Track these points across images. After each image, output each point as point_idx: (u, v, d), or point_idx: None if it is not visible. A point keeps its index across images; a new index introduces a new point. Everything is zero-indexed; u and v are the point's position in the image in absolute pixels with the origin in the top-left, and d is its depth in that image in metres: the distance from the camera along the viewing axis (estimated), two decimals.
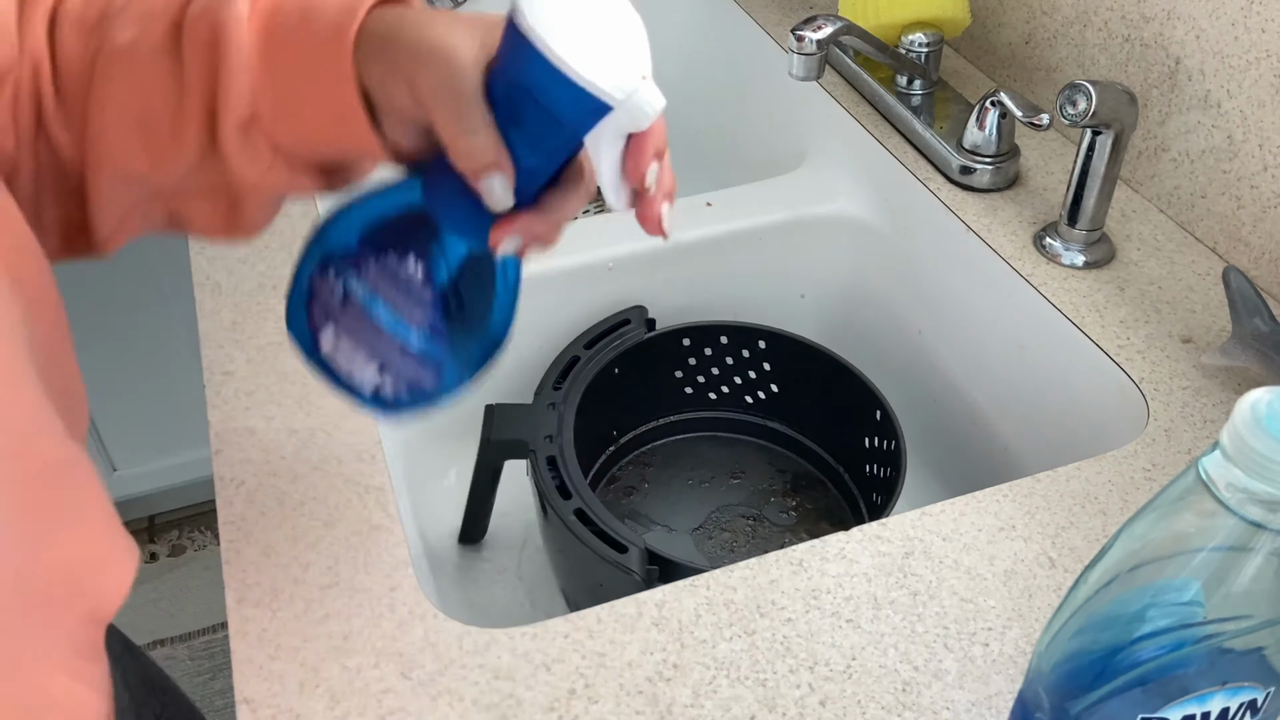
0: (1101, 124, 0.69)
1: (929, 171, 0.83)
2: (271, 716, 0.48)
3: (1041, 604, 0.53)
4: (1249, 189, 0.71)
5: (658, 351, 0.80)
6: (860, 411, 0.76)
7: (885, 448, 0.73)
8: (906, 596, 0.53)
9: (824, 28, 0.74)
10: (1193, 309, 0.70)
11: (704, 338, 0.81)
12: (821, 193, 0.88)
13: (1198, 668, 0.36)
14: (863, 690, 0.49)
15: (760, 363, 0.82)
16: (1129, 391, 0.66)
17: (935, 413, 0.85)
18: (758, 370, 0.83)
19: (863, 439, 0.77)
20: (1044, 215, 0.78)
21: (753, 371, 0.83)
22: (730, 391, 0.84)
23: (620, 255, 0.81)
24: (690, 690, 0.49)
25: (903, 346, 0.87)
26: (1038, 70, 0.88)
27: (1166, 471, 0.60)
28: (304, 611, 0.53)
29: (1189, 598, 0.35)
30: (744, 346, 0.82)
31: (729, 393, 0.84)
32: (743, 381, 0.84)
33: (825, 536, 0.56)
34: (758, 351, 0.82)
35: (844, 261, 0.89)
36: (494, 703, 0.49)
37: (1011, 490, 0.59)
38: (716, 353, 0.82)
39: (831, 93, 0.93)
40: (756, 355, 0.82)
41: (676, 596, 0.53)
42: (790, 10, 1.07)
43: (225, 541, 0.56)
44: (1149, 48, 0.76)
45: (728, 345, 0.82)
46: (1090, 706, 0.38)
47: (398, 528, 0.57)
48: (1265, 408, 0.32)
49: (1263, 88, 0.68)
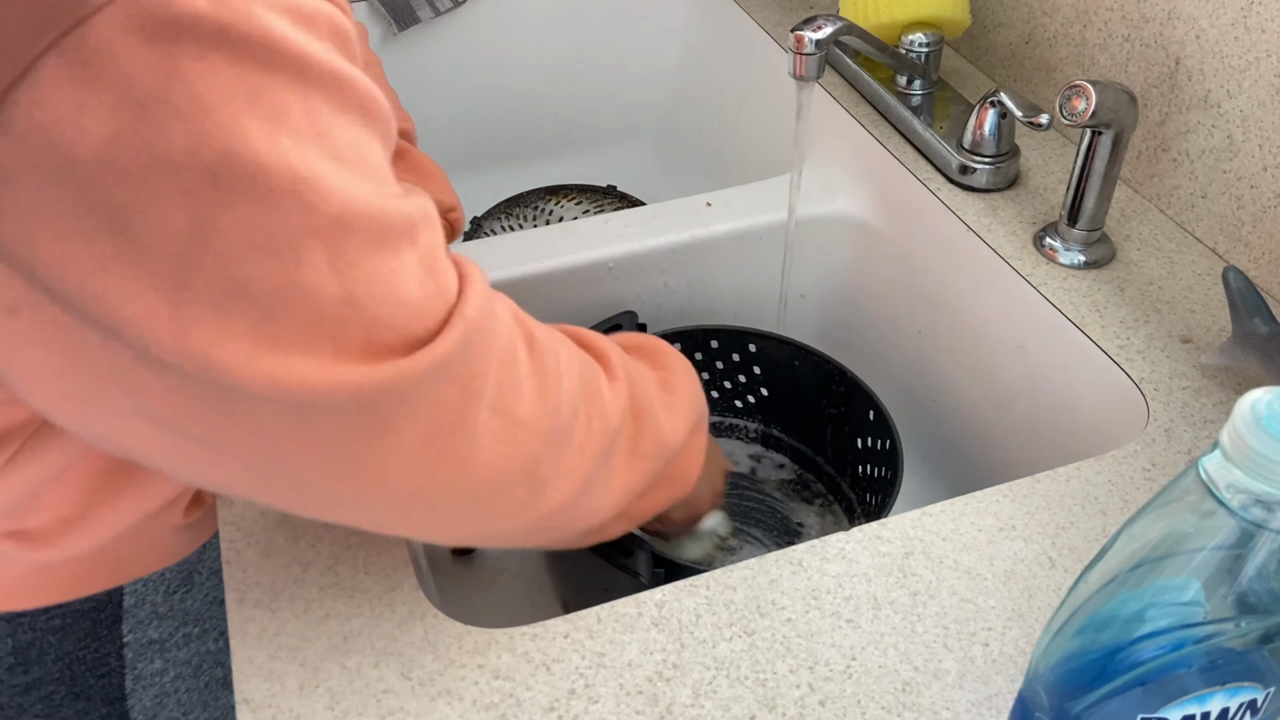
0: (1101, 124, 0.69)
1: (929, 171, 0.83)
2: (271, 716, 0.48)
3: (1041, 604, 0.53)
4: (1249, 189, 0.71)
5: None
6: (854, 411, 0.76)
7: (881, 447, 0.73)
8: (906, 596, 0.53)
9: (824, 28, 0.73)
10: (1193, 309, 0.70)
11: (694, 343, 0.81)
12: (821, 193, 0.88)
13: (1198, 668, 0.36)
14: (863, 690, 0.49)
15: (750, 366, 0.82)
16: (1129, 391, 0.66)
17: (935, 413, 0.85)
18: (748, 374, 0.83)
19: (856, 439, 0.77)
20: (1044, 215, 0.78)
21: (743, 375, 0.83)
22: (721, 396, 0.84)
23: (620, 255, 0.81)
24: (690, 690, 0.49)
25: (902, 346, 0.87)
26: (1038, 70, 0.88)
27: (1166, 471, 0.60)
28: (304, 611, 0.53)
29: (1189, 598, 0.35)
30: (734, 350, 0.82)
31: (719, 397, 0.84)
32: (733, 386, 0.84)
33: (825, 536, 0.56)
34: (748, 355, 0.82)
35: (844, 261, 0.89)
36: (494, 703, 0.49)
37: (1011, 490, 0.59)
38: (707, 357, 0.82)
39: (831, 93, 0.93)
40: (747, 359, 0.82)
41: (676, 596, 0.53)
42: (790, 10, 1.07)
43: (225, 541, 0.56)
44: (1149, 48, 0.76)
45: (718, 350, 0.82)
46: (1090, 706, 0.38)
47: None
48: (1265, 408, 0.32)
49: (1263, 88, 0.68)
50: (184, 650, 0.68)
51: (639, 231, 0.82)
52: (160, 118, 0.32)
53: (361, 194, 0.37)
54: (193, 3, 0.32)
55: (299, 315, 0.36)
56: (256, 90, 0.34)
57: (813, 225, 0.87)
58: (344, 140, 0.37)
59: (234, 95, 0.33)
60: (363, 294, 0.37)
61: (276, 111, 0.34)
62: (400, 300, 0.38)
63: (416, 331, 0.39)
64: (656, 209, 0.85)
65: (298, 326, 0.36)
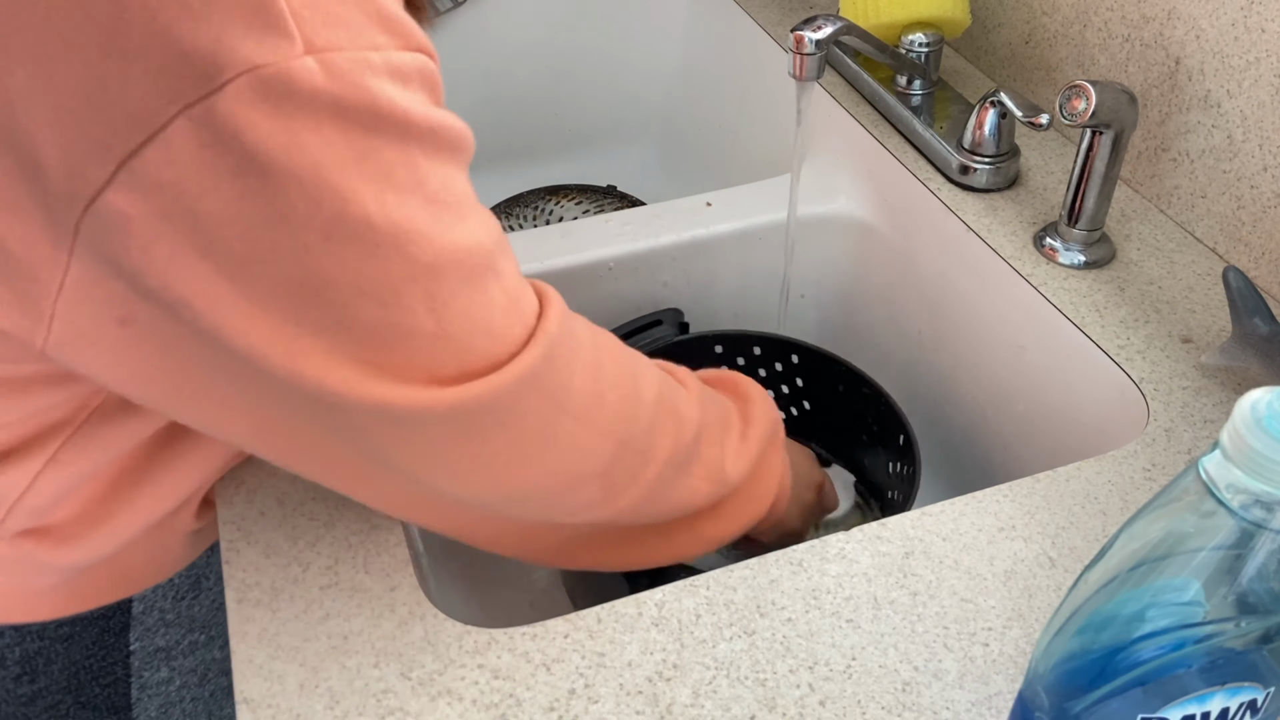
0: (1101, 124, 0.69)
1: (929, 171, 0.83)
2: (271, 716, 0.48)
3: (1041, 604, 0.53)
4: (1249, 189, 0.71)
5: (687, 356, 0.78)
6: (886, 436, 0.75)
7: (903, 472, 0.73)
8: (906, 596, 0.53)
9: (824, 28, 0.73)
10: (1193, 309, 0.70)
11: (737, 346, 0.80)
12: (821, 193, 0.88)
13: (1198, 668, 0.36)
14: (863, 690, 0.49)
15: (793, 378, 0.81)
16: (1129, 391, 0.66)
17: (935, 413, 0.85)
18: (790, 385, 0.82)
19: (887, 464, 0.76)
20: (1044, 215, 0.78)
21: (785, 386, 0.82)
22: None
23: (620, 255, 0.81)
24: (690, 690, 0.49)
25: (903, 346, 0.87)
26: (1038, 70, 0.88)
27: (1166, 471, 0.60)
28: (304, 611, 0.53)
29: (1189, 598, 0.35)
30: (777, 359, 0.81)
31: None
32: (775, 396, 0.82)
33: (825, 537, 0.56)
34: (790, 366, 0.81)
35: (844, 261, 0.89)
36: (494, 703, 0.49)
37: (1011, 490, 0.59)
38: (750, 363, 0.81)
39: (831, 93, 0.93)
40: (789, 370, 0.81)
41: (676, 597, 0.53)
42: (790, 10, 1.07)
43: (225, 541, 0.56)
44: (1149, 48, 0.76)
45: (761, 356, 0.81)
46: (1090, 706, 0.38)
47: (398, 528, 0.57)
48: (1265, 408, 0.32)
49: (1263, 88, 0.68)
50: (190, 658, 0.68)
51: (639, 231, 0.82)
52: (281, 183, 0.36)
53: (452, 236, 0.41)
54: (310, 78, 0.36)
55: (399, 350, 0.41)
56: (365, 153, 0.37)
57: (813, 225, 0.87)
58: (438, 183, 0.40)
59: (346, 161, 0.37)
60: (455, 330, 0.42)
61: (383, 171, 0.38)
62: (487, 330, 0.43)
63: (501, 354, 0.44)
64: (656, 209, 0.85)
65: (398, 359, 0.41)
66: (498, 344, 0.43)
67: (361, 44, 0.37)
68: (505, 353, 0.44)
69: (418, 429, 0.43)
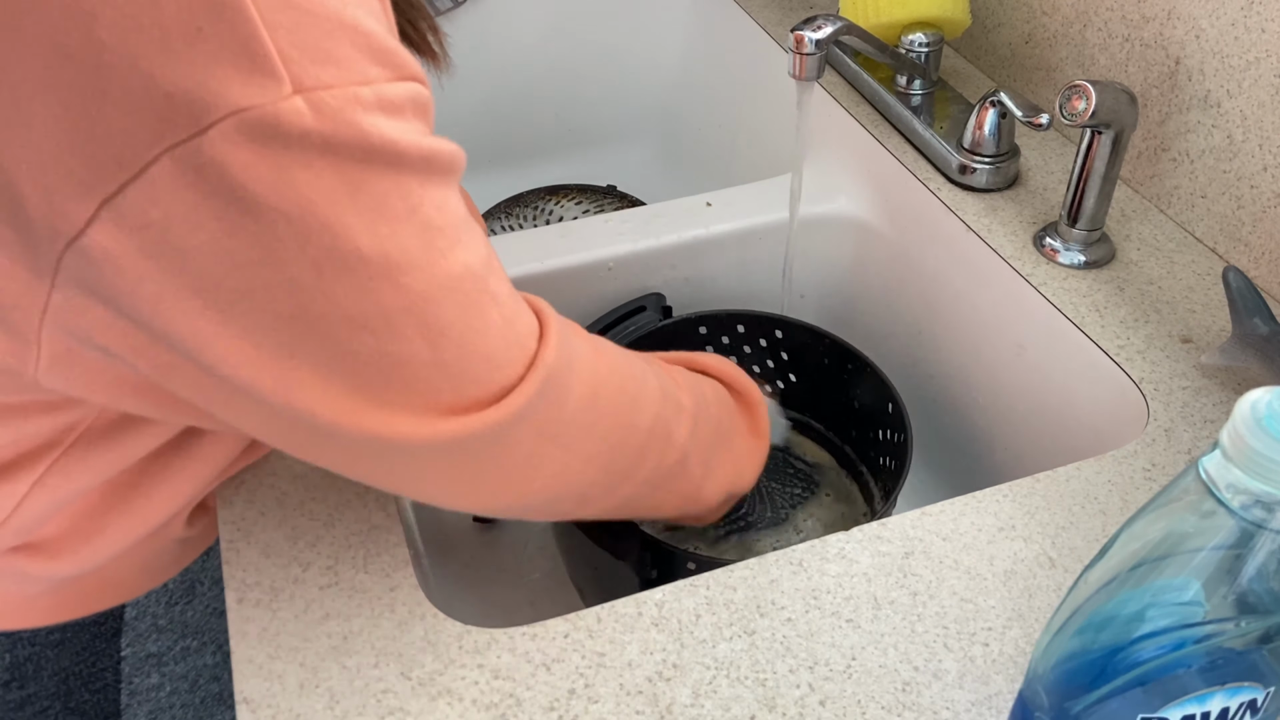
0: (1101, 124, 0.69)
1: (929, 171, 0.83)
2: (271, 716, 0.48)
3: (1041, 604, 0.53)
4: (1249, 189, 0.71)
5: (673, 339, 0.80)
6: (874, 404, 0.76)
7: (894, 440, 0.73)
8: (906, 596, 0.53)
9: (824, 28, 0.73)
10: (1193, 309, 0.70)
11: (720, 326, 0.81)
12: (821, 193, 0.88)
13: (1198, 668, 0.36)
14: (863, 690, 0.49)
15: (778, 352, 0.82)
16: (1129, 391, 0.66)
17: (935, 413, 0.85)
18: (775, 359, 0.83)
19: (876, 431, 0.77)
20: (1044, 215, 0.78)
21: (770, 360, 0.83)
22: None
23: (620, 255, 0.81)
24: (690, 690, 0.49)
25: (903, 346, 0.87)
26: (1038, 70, 0.88)
27: (1166, 471, 0.60)
28: (304, 611, 0.53)
29: (1189, 598, 0.35)
30: (761, 336, 0.82)
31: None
32: (760, 371, 0.83)
33: (825, 536, 0.56)
34: (774, 341, 0.82)
35: (844, 261, 0.89)
36: (494, 703, 0.49)
37: (1011, 490, 0.59)
38: (734, 341, 0.82)
39: (831, 93, 0.93)
40: (774, 344, 0.82)
41: (676, 596, 0.53)
42: (790, 10, 1.07)
43: (225, 541, 0.56)
44: (1149, 48, 0.76)
45: (744, 334, 0.82)
46: (1090, 706, 0.38)
47: (398, 528, 0.57)
48: (1265, 408, 0.32)
49: (1263, 88, 0.68)
50: (181, 665, 0.68)
51: (639, 231, 0.82)
52: (269, 220, 0.36)
53: (446, 263, 0.40)
54: (299, 119, 0.35)
55: (394, 380, 0.40)
56: (357, 186, 0.37)
57: (813, 225, 0.87)
58: (432, 209, 0.40)
59: (338, 195, 0.37)
60: (451, 357, 0.41)
61: (375, 203, 0.38)
62: (484, 356, 0.42)
63: (500, 382, 0.43)
64: (656, 209, 0.85)
65: (393, 389, 0.41)
66: (495, 370, 0.43)
67: (352, 79, 0.36)
68: (503, 379, 0.43)
69: (411, 459, 0.43)
